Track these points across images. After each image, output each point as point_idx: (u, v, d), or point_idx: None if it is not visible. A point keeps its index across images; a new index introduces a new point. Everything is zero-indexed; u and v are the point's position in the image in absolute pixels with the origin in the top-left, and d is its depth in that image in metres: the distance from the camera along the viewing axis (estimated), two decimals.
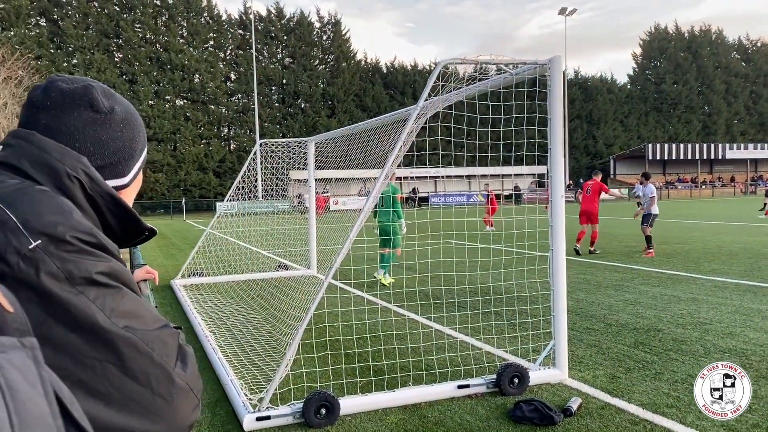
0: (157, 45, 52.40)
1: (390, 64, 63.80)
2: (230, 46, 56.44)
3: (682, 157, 62.37)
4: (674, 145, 62.67)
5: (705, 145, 63.42)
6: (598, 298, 8.51)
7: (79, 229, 0.84)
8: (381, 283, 9.95)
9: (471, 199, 43.35)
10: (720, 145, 63.94)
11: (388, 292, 9.08)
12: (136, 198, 1.20)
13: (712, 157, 63.63)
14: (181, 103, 53.87)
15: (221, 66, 55.23)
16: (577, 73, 69.65)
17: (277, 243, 15.78)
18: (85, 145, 0.99)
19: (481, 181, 22.09)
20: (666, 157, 62.12)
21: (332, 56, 60.23)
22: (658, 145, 62.31)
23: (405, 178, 44.67)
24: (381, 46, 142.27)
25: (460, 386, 4.78)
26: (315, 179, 11.83)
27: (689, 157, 62.47)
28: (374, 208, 9.03)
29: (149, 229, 1.04)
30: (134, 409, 0.80)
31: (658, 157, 61.56)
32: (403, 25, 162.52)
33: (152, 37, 52.30)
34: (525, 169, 46.14)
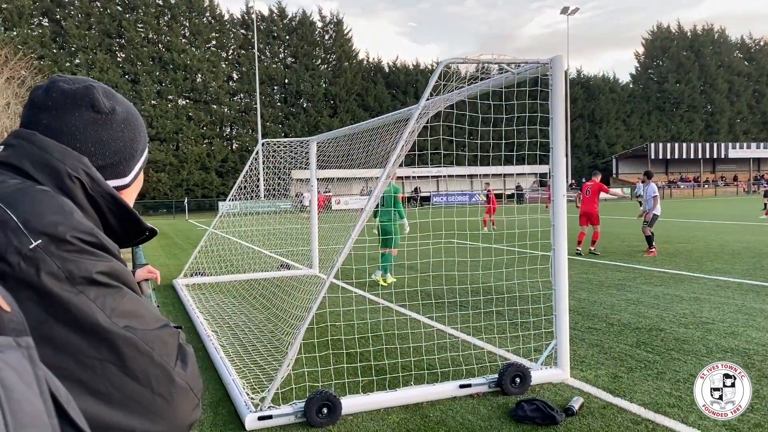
0: (160, 45, 52.47)
1: (392, 64, 63.81)
2: (232, 46, 56.49)
3: (685, 157, 62.24)
4: (677, 145, 62.54)
5: (708, 145, 63.28)
6: (600, 298, 8.51)
7: (79, 229, 0.84)
8: (381, 283, 9.95)
9: (473, 199, 43.32)
10: (723, 145, 63.79)
11: (390, 292, 9.09)
12: (139, 198, 1.20)
13: (715, 157, 63.49)
14: (184, 102, 53.93)
15: (223, 66, 55.27)
16: (579, 72, 69.59)
17: (279, 242, 15.79)
18: (86, 146, 0.99)
19: (482, 181, 22.05)
20: (668, 157, 61.99)
21: (334, 56, 60.24)
22: (661, 145, 62.20)
23: (407, 177, 44.70)
24: (383, 46, 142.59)
25: (461, 386, 4.79)
26: (317, 179, 11.84)
27: (692, 157, 62.34)
28: (375, 208, 9.03)
29: (150, 229, 1.04)
30: (134, 409, 0.80)
31: (661, 157, 61.44)
32: (405, 24, 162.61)
33: (154, 37, 52.35)
34: (527, 169, 46.07)
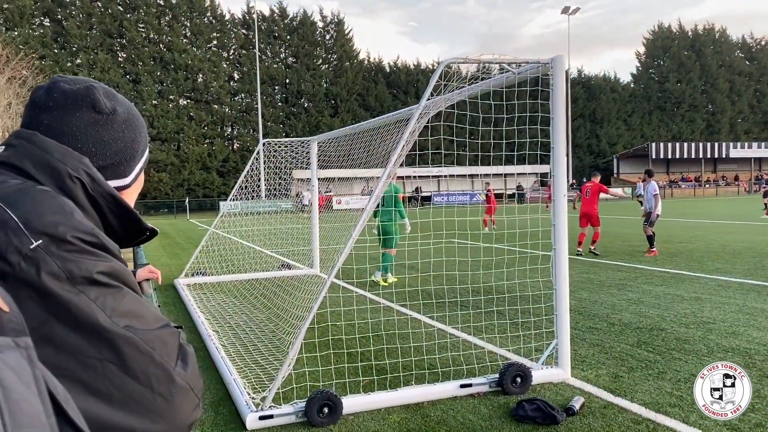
0: (161, 45, 52.50)
1: (393, 64, 63.82)
2: (233, 46, 56.51)
3: (686, 156, 62.21)
4: (678, 144, 62.50)
5: (709, 144, 63.23)
6: (601, 298, 8.50)
7: (80, 229, 0.84)
8: (381, 283, 9.95)
9: (474, 199, 43.32)
10: (724, 144, 63.74)
11: (391, 292, 9.09)
12: (140, 198, 1.20)
13: (716, 156, 63.43)
14: (185, 102, 53.96)
15: (224, 66, 55.29)
16: (580, 72, 69.53)
17: (280, 242, 15.79)
18: (87, 146, 1.00)
19: (483, 181, 22.07)
20: (669, 156, 61.95)
21: (335, 55, 60.24)
22: (662, 144, 62.15)
23: (408, 177, 44.68)
24: (384, 46, 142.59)
25: (462, 385, 4.79)
26: (318, 178, 11.85)
27: (693, 156, 62.30)
28: (376, 208, 9.03)
29: (150, 229, 1.04)
30: (135, 409, 0.80)
31: (662, 156, 61.41)
32: (406, 24, 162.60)
33: (156, 37, 52.39)
34: (528, 169, 46.07)
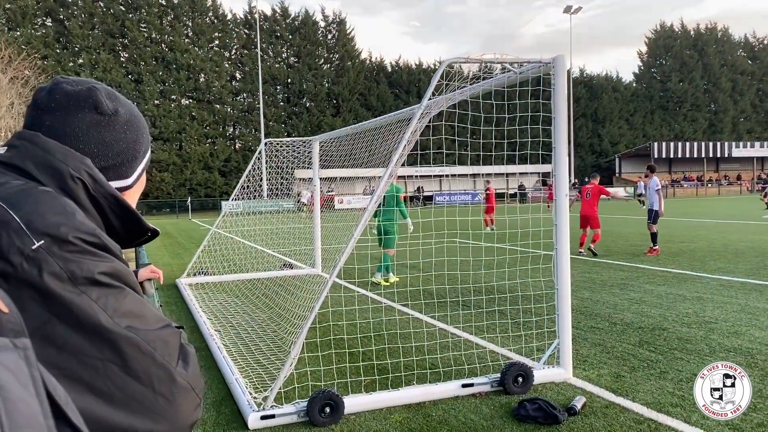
0: (163, 45, 52.55)
1: (395, 63, 63.83)
2: (235, 46, 56.55)
3: (688, 156, 62.11)
4: (680, 144, 62.41)
5: (711, 144, 63.13)
6: (602, 297, 8.50)
7: (81, 230, 0.84)
8: (382, 284, 9.94)
9: (475, 198, 43.28)
10: (726, 144, 63.63)
11: (392, 291, 9.09)
12: (142, 197, 1.21)
13: (718, 156, 63.32)
14: (187, 102, 54.03)
15: (226, 65, 55.32)
16: (582, 71, 69.44)
17: (281, 242, 15.80)
18: (89, 147, 1.00)
19: (485, 180, 22.05)
20: (672, 156, 61.86)
21: (337, 55, 60.26)
22: (664, 144, 62.05)
23: (409, 176, 44.67)
24: (386, 45, 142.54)
25: (464, 385, 4.79)
26: (320, 178, 11.86)
27: (695, 156, 62.20)
28: (377, 207, 9.03)
29: (152, 229, 1.05)
30: (136, 409, 0.80)
31: (664, 156, 61.31)
32: (407, 23, 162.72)
33: (157, 37, 52.44)
34: (530, 168, 46.02)
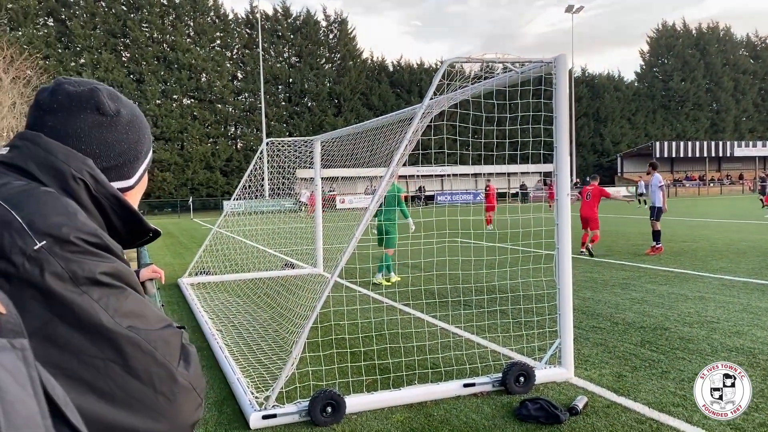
0: (164, 44, 52.60)
1: (396, 63, 63.80)
2: (237, 45, 56.56)
3: (690, 155, 62.01)
4: (682, 143, 62.31)
5: (713, 143, 63.02)
6: (604, 297, 8.49)
7: (83, 230, 0.85)
8: (384, 283, 9.94)
9: (477, 198, 43.28)
10: (728, 143, 63.52)
11: (394, 291, 9.09)
12: (143, 197, 1.21)
13: (720, 155, 63.21)
14: (188, 102, 54.07)
15: (228, 65, 55.37)
16: (584, 70, 69.38)
17: (283, 241, 15.81)
18: (91, 148, 1.00)
19: (486, 179, 22.06)
20: (674, 155, 61.76)
21: (338, 55, 60.28)
22: (666, 143, 61.96)
23: (411, 176, 44.65)
24: (387, 45, 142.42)
25: (465, 385, 4.79)
26: (321, 178, 11.86)
27: (697, 155, 62.11)
28: (379, 207, 9.03)
29: (153, 230, 1.05)
30: (137, 408, 0.80)
31: (666, 155, 61.20)
32: (409, 23, 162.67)
33: (159, 37, 52.48)
34: (531, 168, 46.02)
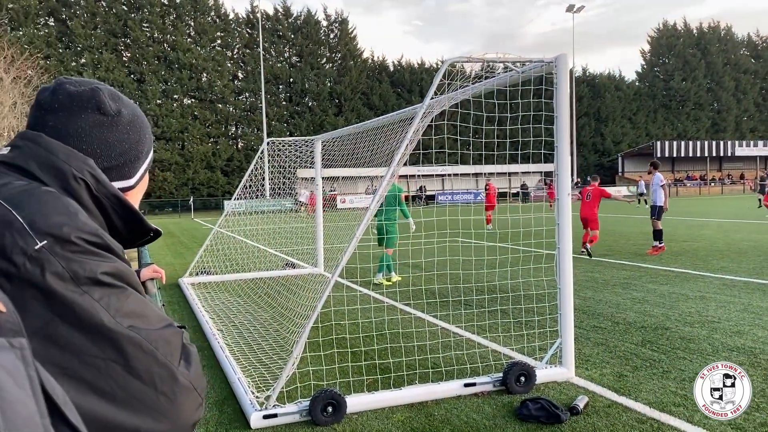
0: (165, 44, 52.61)
1: (397, 62, 63.79)
2: (237, 45, 56.56)
3: (691, 155, 61.98)
4: (683, 143, 62.28)
5: (714, 143, 62.99)
6: (605, 297, 8.49)
7: (84, 230, 0.85)
8: (384, 283, 9.93)
9: (478, 197, 43.28)
10: (729, 142, 63.50)
11: (395, 291, 9.09)
12: (144, 197, 1.21)
13: (722, 155, 63.18)
14: (189, 101, 54.08)
15: (228, 65, 55.37)
16: (585, 70, 69.34)
17: (284, 241, 15.81)
18: (92, 147, 1.00)
19: (487, 179, 22.07)
20: (675, 155, 61.72)
21: (339, 54, 60.27)
22: (667, 143, 61.92)
23: (412, 176, 44.65)
24: (388, 44, 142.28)
25: (466, 384, 4.79)
26: (322, 177, 11.86)
27: (698, 155, 62.07)
28: (380, 207, 9.03)
29: (154, 230, 1.05)
30: (138, 408, 0.80)
31: (667, 155, 61.15)
32: (410, 22, 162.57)
33: (160, 37, 52.49)
34: (532, 167, 45.99)
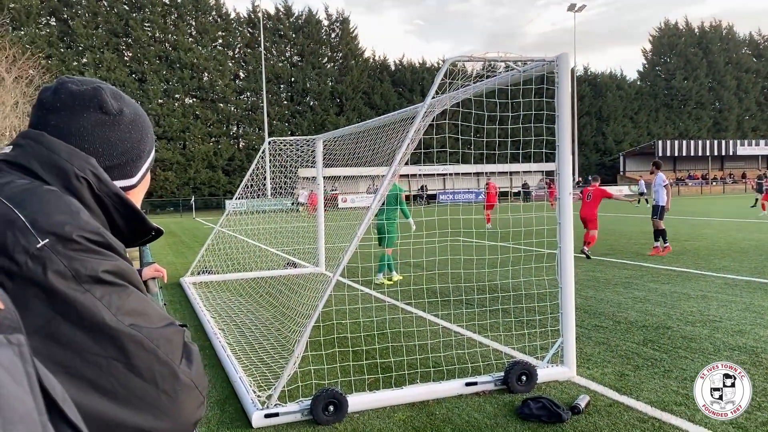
0: (166, 44, 52.65)
1: (398, 62, 63.80)
2: (239, 45, 56.59)
3: (693, 154, 61.93)
4: (685, 142, 62.23)
5: (716, 142, 62.95)
6: (606, 296, 8.48)
7: (86, 229, 0.85)
8: (386, 283, 9.93)
9: (479, 197, 43.25)
10: (731, 142, 63.45)
11: (396, 290, 9.08)
12: (146, 196, 1.21)
13: (723, 154, 63.14)
14: (191, 101, 54.11)
15: (230, 64, 55.41)
16: (586, 69, 69.27)
17: (285, 240, 15.82)
18: (94, 146, 1.01)
19: (488, 179, 22.04)
20: (676, 154, 61.69)
21: (340, 54, 60.27)
22: (669, 142, 61.88)
23: (413, 175, 44.62)
24: (389, 44, 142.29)
25: (467, 383, 4.79)
26: (323, 177, 11.87)
27: (700, 154, 62.02)
28: (381, 206, 9.03)
29: (156, 228, 1.05)
30: (139, 406, 0.81)
31: (669, 154, 61.11)
32: (411, 22, 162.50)
33: (161, 36, 52.54)
34: (533, 167, 45.97)
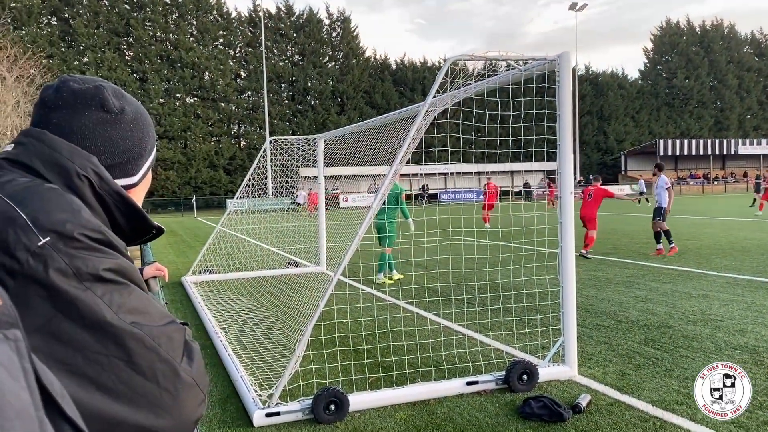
0: (167, 43, 52.69)
1: (399, 61, 63.82)
2: (240, 44, 56.62)
3: (694, 153, 61.85)
4: (686, 141, 62.15)
5: (717, 141, 62.85)
6: (608, 295, 8.48)
7: (87, 227, 0.85)
8: (386, 282, 9.93)
9: (480, 196, 43.24)
10: (732, 141, 63.35)
11: (397, 289, 9.08)
12: (147, 195, 1.21)
13: (725, 153, 63.04)
14: (192, 100, 54.15)
15: (231, 63, 55.43)
16: (587, 68, 69.29)
17: (286, 240, 15.83)
18: (96, 145, 1.01)
19: (489, 178, 22.03)
20: (678, 153, 61.60)
21: (341, 53, 60.28)
22: (670, 141, 61.80)
23: (414, 174, 44.64)
24: (390, 43, 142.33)
25: (468, 383, 4.79)
26: (324, 176, 11.87)
27: (701, 153, 61.94)
28: (382, 206, 9.03)
29: (157, 227, 1.05)
30: (140, 403, 0.81)
31: (670, 153, 61.04)
32: (412, 21, 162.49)
33: (162, 36, 52.57)
34: (535, 166, 45.95)
